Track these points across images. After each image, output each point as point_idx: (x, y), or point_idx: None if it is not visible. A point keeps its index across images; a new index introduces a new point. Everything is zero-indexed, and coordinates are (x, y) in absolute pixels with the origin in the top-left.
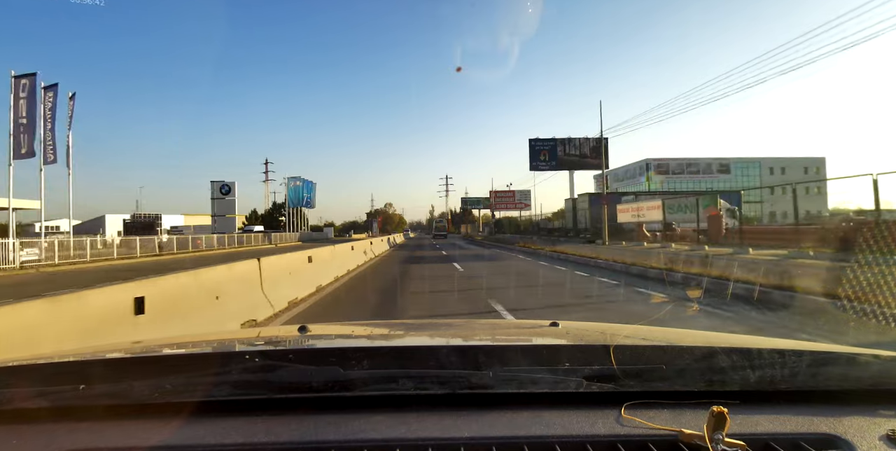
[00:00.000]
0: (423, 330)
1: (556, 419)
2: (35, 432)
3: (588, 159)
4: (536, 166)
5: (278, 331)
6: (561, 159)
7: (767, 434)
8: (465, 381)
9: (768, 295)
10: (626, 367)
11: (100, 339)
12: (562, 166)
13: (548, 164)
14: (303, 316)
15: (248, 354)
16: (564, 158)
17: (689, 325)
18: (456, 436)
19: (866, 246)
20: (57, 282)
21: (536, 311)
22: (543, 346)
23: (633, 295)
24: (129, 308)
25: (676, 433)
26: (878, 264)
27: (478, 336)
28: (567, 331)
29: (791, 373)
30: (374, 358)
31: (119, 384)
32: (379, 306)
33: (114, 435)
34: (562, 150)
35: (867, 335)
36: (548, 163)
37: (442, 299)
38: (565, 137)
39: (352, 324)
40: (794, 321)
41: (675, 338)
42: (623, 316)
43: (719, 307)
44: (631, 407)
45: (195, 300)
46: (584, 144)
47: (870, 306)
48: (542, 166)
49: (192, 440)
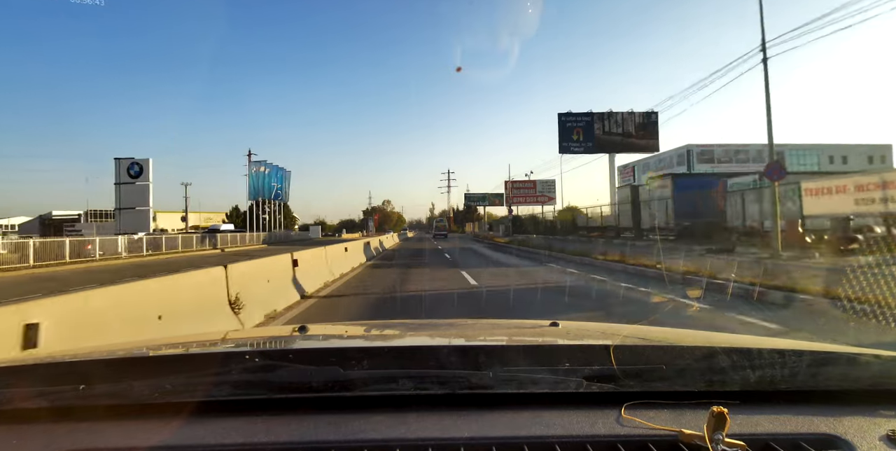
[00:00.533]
0: (423, 330)
1: (556, 419)
2: (35, 432)
3: (633, 139)
4: (567, 148)
5: (278, 331)
6: (599, 139)
7: (767, 434)
8: (466, 381)
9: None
10: (626, 367)
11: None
12: (600, 148)
13: (582, 145)
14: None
15: (248, 354)
16: (603, 137)
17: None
18: (456, 436)
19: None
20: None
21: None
22: (543, 346)
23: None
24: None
25: (676, 433)
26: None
27: (478, 336)
28: (567, 331)
29: (791, 373)
30: (374, 358)
31: (119, 384)
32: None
33: (114, 435)
34: (600, 127)
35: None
36: (582, 144)
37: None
38: (605, 111)
39: (352, 324)
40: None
41: (675, 338)
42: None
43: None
44: (631, 407)
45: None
46: (627, 119)
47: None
48: (575, 148)
49: (192, 440)
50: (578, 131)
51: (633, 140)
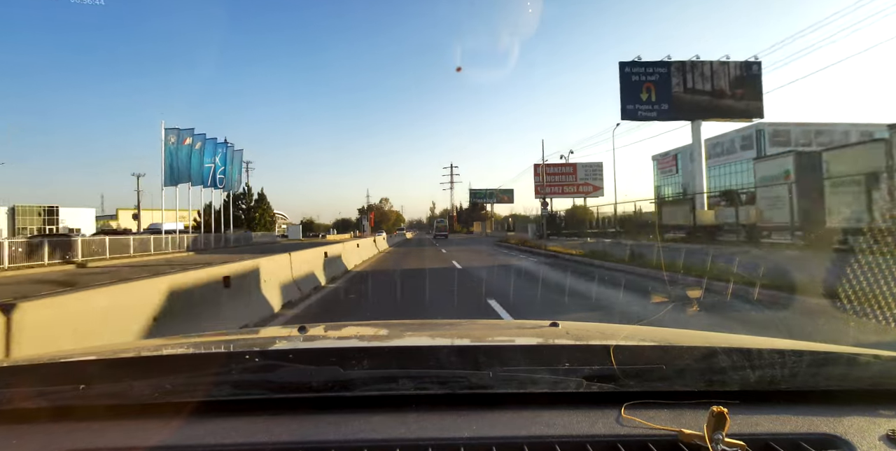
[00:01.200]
0: (423, 330)
1: (556, 418)
2: (35, 432)
3: (727, 100)
4: (633, 112)
5: (278, 331)
6: (678, 100)
7: (767, 434)
8: (466, 381)
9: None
10: (626, 367)
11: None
12: (680, 111)
13: (655, 107)
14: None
15: (248, 354)
16: (684, 96)
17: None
18: (456, 436)
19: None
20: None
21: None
22: (543, 346)
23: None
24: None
25: (676, 433)
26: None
27: (478, 336)
28: (567, 331)
29: (791, 373)
30: (374, 358)
31: (119, 384)
32: None
33: (114, 435)
34: (679, 82)
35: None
36: (655, 105)
37: None
38: (687, 60)
39: (352, 324)
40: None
41: (674, 338)
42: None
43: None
44: (631, 407)
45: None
46: (719, 72)
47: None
48: (645, 112)
49: (192, 439)
50: (649, 88)
51: (727, 101)
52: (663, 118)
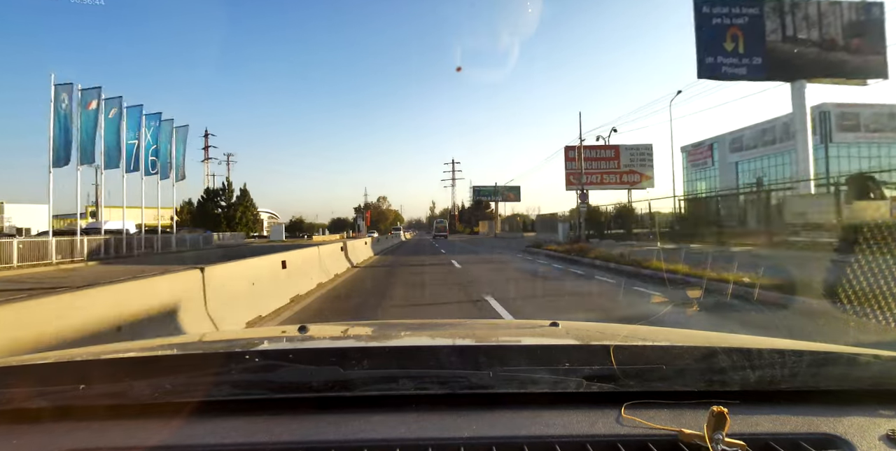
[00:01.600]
0: (424, 330)
1: (556, 418)
2: (35, 432)
3: (838, 53)
4: (716, 68)
5: (278, 331)
6: (776, 51)
7: (767, 434)
8: (466, 381)
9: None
10: (626, 367)
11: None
12: (779, 68)
13: (744, 61)
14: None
15: (248, 354)
16: (784, 47)
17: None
18: (456, 436)
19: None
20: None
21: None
22: (543, 346)
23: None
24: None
25: (676, 432)
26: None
27: (478, 336)
28: (567, 331)
29: (791, 373)
30: (374, 358)
31: (119, 384)
32: None
33: (114, 435)
34: (777, 28)
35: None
36: (744, 59)
37: None
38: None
39: (352, 324)
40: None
41: (674, 338)
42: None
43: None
44: (631, 407)
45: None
46: (828, 14)
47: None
48: (731, 68)
49: (192, 439)
50: (736, 35)
51: (839, 54)
52: (755, 76)
